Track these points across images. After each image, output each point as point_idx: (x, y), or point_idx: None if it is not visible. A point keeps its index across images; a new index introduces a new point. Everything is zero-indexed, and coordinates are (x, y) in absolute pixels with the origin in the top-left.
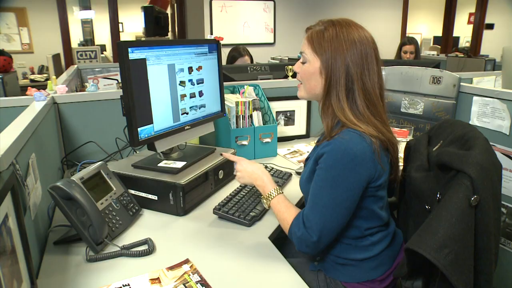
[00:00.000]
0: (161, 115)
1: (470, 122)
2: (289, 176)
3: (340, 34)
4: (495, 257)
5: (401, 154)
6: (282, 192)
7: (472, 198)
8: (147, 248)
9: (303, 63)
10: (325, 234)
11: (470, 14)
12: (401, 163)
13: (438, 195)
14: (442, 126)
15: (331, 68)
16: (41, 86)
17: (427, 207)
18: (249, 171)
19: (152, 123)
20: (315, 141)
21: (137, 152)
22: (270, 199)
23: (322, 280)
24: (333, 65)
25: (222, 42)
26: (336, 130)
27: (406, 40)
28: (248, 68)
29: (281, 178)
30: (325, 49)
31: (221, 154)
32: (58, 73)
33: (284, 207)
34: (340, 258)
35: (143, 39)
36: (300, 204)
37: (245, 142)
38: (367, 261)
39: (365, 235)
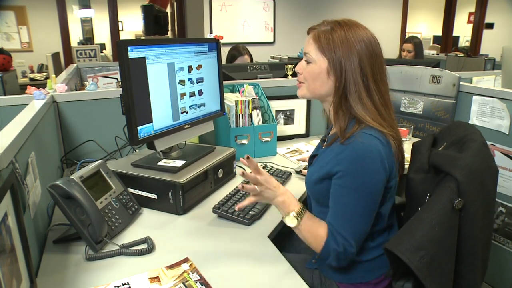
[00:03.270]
0: (161, 114)
1: (470, 122)
2: (288, 175)
3: (349, 34)
4: (483, 264)
5: (407, 155)
6: (307, 209)
7: (456, 201)
8: (146, 247)
9: (307, 63)
10: (359, 242)
11: (470, 14)
12: (407, 164)
13: (428, 197)
14: (450, 127)
15: (345, 68)
16: (41, 85)
17: (419, 209)
18: (275, 185)
19: (152, 122)
20: (320, 139)
21: (137, 151)
22: (301, 216)
23: (317, 278)
24: (347, 65)
25: (221, 41)
26: (350, 131)
27: (408, 38)
28: (248, 67)
29: (280, 177)
30: (335, 49)
31: (247, 158)
32: (58, 71)
33: (316, 223)
34: None
35: (142, 38)
36: (302, 200)
37: (244, 141)
38: (364, 263)
39: (366, 238)
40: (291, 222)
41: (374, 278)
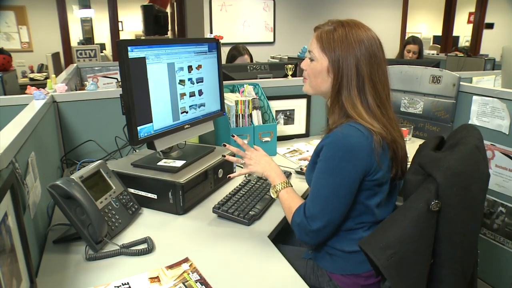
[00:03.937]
0: (161, 114)
1: (470, 122)
2: (288, 175)
3: (350, 34)
4: (464, 270)
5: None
6: (291, 186)
7: (432, 203)
8: (146, 247)
9: (311, 60)
10: (325, 225)
11: (470, 14)
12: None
13: None
14: (456, 131)
15: (342, 67)
16: (41, 85)
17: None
18: (263, 162)
19: (152, 122)
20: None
21: (137, 151)
22: (279, 189)
23: (310, 267)
24: (344, 64)
25: (221, 41)
26: (337, 123)
27: (411, 39)
28: (248, 67)
29: None
30: (335, 49)
31: (232, 137)
32: (58, 71)
33: (290, 198)
34: (330, 248)
35: (142, 38)
36: (305, 197)
37: (244, 141)
38: (354, 254)
39: (356, 228)
40: (271, 193)
41: (365, 271)
